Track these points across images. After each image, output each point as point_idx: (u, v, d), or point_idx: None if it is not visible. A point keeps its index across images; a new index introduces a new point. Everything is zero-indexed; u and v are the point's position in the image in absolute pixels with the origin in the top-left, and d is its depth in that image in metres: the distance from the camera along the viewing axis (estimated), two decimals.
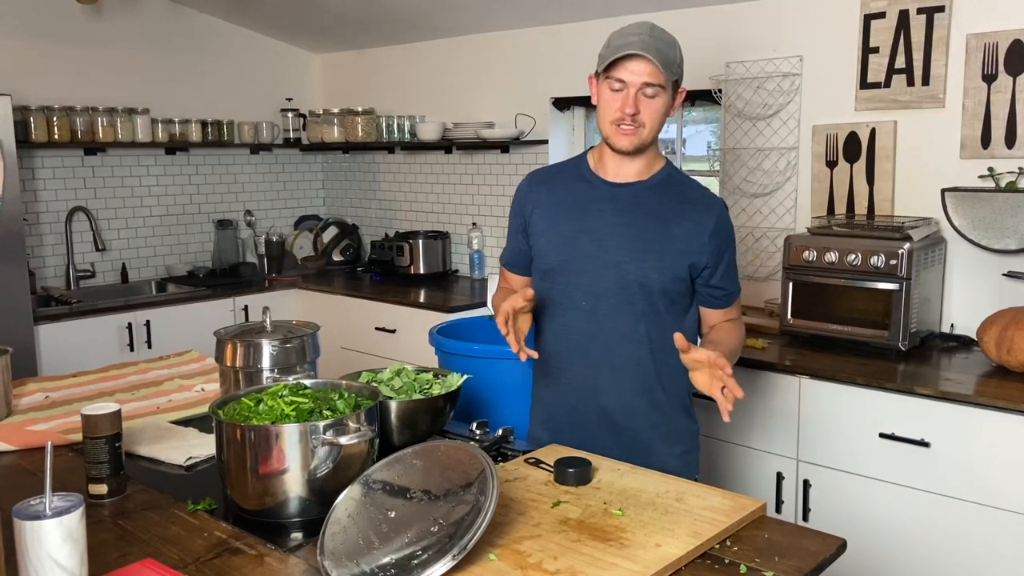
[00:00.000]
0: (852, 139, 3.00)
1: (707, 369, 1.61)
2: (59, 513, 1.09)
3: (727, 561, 1.26)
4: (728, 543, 1.32)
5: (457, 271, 4.39)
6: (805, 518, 2.55)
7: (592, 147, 1.94)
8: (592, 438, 1.80)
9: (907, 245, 2.57)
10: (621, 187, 1.84)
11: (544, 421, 1.92)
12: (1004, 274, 2.71)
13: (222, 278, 4.37)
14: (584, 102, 3.88)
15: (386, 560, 1.17)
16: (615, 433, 1.84)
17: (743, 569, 1.23)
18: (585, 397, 1.86)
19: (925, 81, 2.82)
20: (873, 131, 2.95)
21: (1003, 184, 2.65)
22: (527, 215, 1.91)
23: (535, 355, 1.76)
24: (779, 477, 2.61)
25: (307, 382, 1.62)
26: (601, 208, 1.83)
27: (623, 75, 1.73)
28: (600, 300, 1.81)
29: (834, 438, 2.50)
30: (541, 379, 1.95)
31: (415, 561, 1.15)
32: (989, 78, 2.69)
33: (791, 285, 2.79)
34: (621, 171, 1.84)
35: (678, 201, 1.83)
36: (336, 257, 4.73)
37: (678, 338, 1.60)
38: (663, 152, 2.00)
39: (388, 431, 1.67)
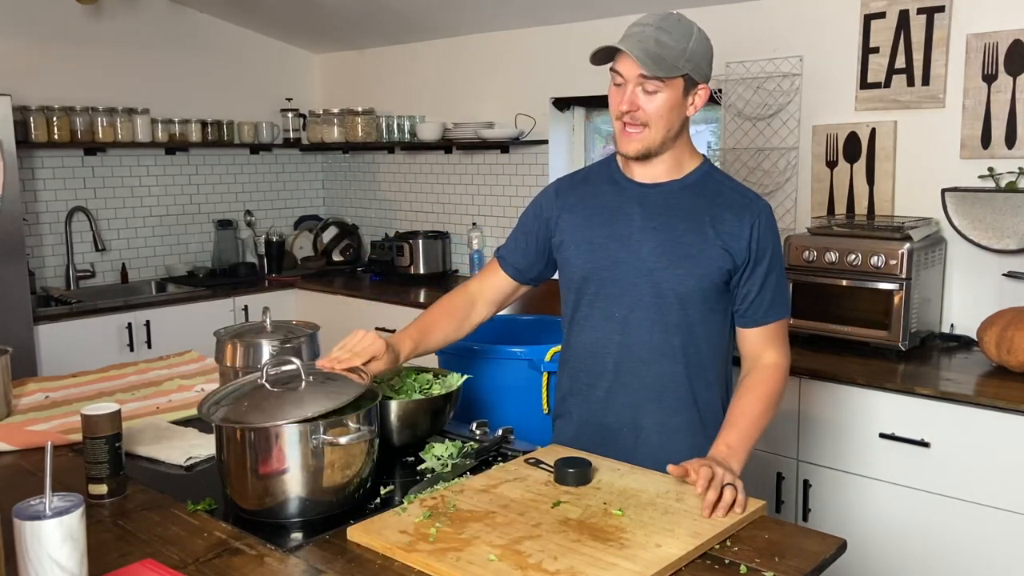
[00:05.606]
0: (852, 139, 3.00)
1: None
2: (59, 513, 1.09)
3: (727, 561, 1.26)
4: (728, 543, 1.31)
5: (457, 271, 4.38)
6: (805, 518, 2.55)
7: None
8: (629, 460, 1.61)
9: (907, 245, 2.57)
10: (651, 187, 1.70)
11: (573, 438, 1.76)
12: (1004, 274, 2.71)
13: (222, 278, 4.37)
14: (584, 102, 3.88)
15: None
16: (652, 456, 1.65)
17: (743, 569, 1.23)
18: (620, 416, 1.73)
19: (925, 81, 2.82)
20: (873, 131, 2.95)
21: (1003, 184, 2.65)
22: (552, 221, 1.79)
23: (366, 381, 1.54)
24: (779, 477, 2.61)
25: None
26: (631, 211, 1.70)
27: (619, 68, 1.63)
28: (633, 311, 1.68)
29: (834, 438, 2.50)
30: (570, 395, 1.81)
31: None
32: (989, 78, 2.69)
33: (791, 285, 2.79)
34: (649, 171, 1.71)
35: (713, 203, 1.68)
36: (336, 257, 4.73)
37: (671, 469, 1.43)
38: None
39: (388, 431, 1.67)
